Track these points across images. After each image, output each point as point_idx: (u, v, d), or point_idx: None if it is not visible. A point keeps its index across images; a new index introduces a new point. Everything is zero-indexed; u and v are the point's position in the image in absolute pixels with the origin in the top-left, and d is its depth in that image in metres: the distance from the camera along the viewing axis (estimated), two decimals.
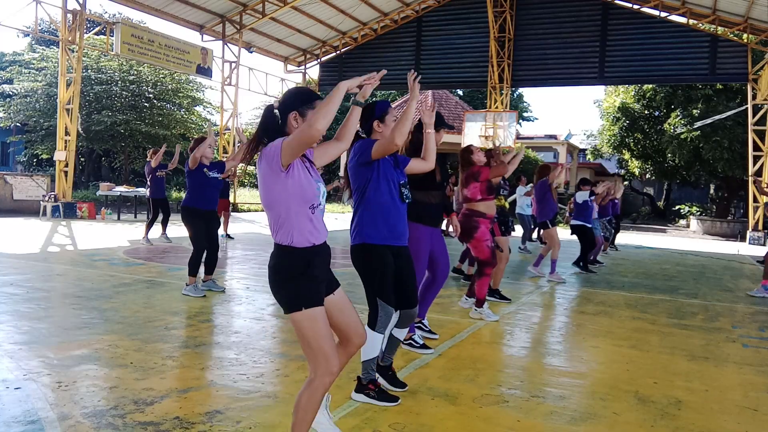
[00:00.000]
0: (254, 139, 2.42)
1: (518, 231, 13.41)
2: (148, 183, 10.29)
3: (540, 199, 8.23)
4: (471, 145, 5.62)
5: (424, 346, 4.28)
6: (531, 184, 11.59)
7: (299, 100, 2.38)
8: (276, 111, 2.40)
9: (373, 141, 3.23)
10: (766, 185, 13.50)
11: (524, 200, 11.98)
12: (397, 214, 3.28)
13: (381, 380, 3.43)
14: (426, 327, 4.70)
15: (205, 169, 5.99)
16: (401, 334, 3.45)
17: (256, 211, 22.16)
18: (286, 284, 2.32)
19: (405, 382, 3.53)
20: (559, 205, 8.83)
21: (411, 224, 4.18)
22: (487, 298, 6.49)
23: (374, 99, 4.27)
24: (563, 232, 9.03)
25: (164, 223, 10.58)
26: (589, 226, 9.04)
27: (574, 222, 9.07)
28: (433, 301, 4.71)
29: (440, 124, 4.25)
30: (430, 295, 4.61)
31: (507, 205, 7.05)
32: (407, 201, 3.35)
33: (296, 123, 2.36)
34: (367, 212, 3.23)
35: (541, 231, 9.60)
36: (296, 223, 2.31)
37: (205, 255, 6.05)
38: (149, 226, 10.41)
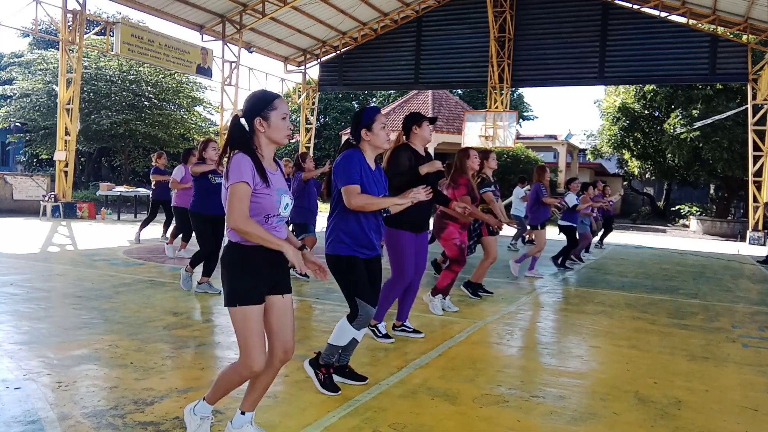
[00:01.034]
0: (225, 149, 2.49)
1: (509, 231, 13.39)
2: (153, 185, 10.31)
3: (533, 203, 8.30)
4: (471, 150, 5.62)
5: (386, 336, 4.43)
6: (528, 187, 11.65)
7: (261, 105, 2.47)
8: (242, 120, 2.48)
9: (353, 154, 3.30)
10: None
11: (520, 202, 12.01)
12: (370, 228, 3.34)
13: (340, 378, 3.48)
14: (410, 328, 4.72)
15: (210, 175, 5.97)
16: (359, 336, 3.46)
17: None
18: (228, 278, 2.45)
19: (365, 376, 3.56)
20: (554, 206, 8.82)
21: (393, 231, 4.21)
22: (477, 291, 6.55)
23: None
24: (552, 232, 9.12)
25: (166, 225, 10.54)
26: (575, 225, 9.08)
27: (562, 222, 9.10)
28: (413, 304, 4.74)
29: (422, 118, 4.31)
30: (408, 299, 4.65)
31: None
32: (384, 215, 3.46)
33: (262, 128, 2.46)
34: (341, 224, 3.31)
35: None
36: None
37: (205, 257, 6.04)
38: (144, 224, 10.45)
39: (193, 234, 6.38)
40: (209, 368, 3.76)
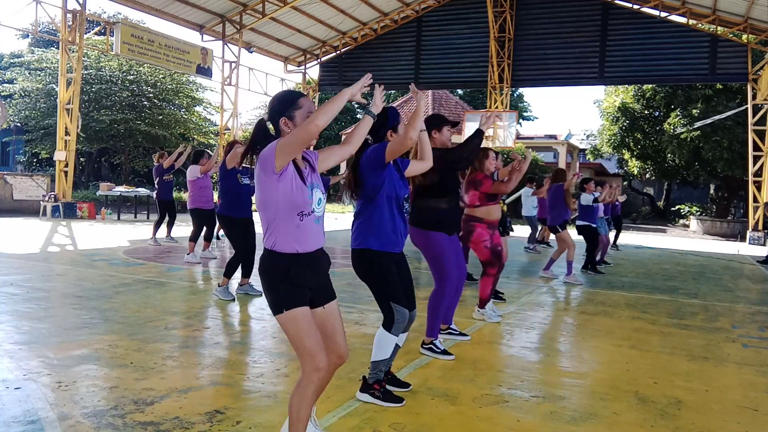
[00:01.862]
0: (248, 147, 2.46)
1: (522, 232, 13.43)
2: (156, 185, 10.29)
3: (552, 204, 8.22)
4: (490, 150, 5.51)
5: (445, 352, 4.19)
6: (536, 186, 11.63)
7: (284, 105, 2.42)
8: (268, 123, 2.44)
9: (387, 144, 3.24)
10: None
11: (531, 201, 11.99)
12: (399, 223, 3.30)
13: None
14: (456, 331, 4.73)
15: (238, 175, 5.95)
16: (401, 340, 3.43)
17: (254, 211, 22.16)
18: (269, 288, 2.40)
19: (408, 382, 3.54)
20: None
21: (426, 233, 4.12)
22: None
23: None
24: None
25: (170, 225, 10.54)
26: (595, 226, 8.99)
27: (580, 223, 8.99)
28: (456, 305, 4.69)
29: (443, 122, 4.25)
30: (453, 302, 4.57)
31: (505, 208, 7.02)
32: (406, 214, 3.39)
33: (287, 128, 2.40)
34: (371, 219, 3.24)
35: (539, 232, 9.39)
36: (282, 229, 2.35)
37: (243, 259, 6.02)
38: (157, 226, 10.40)
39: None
40: (209, 368, 3.75)
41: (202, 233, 8.42)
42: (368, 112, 2.56)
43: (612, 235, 13.39)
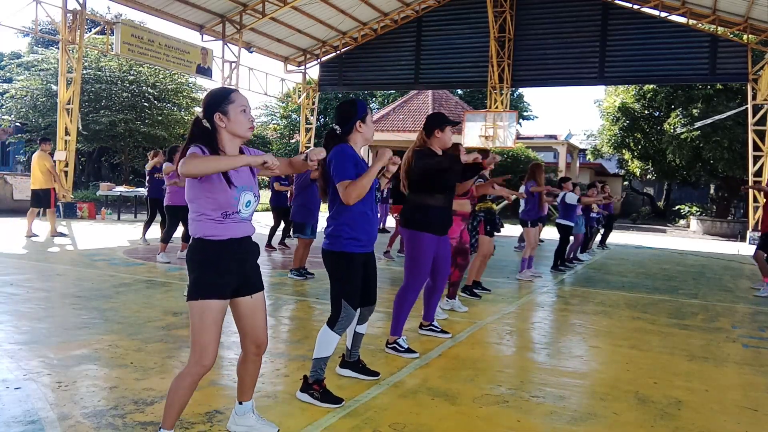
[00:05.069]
0: (185, 149, 2.46)
1: (511, 231, 13.40)
2: (147, 183, 10.26)
3: (527, 199, 8.27)
4: (459, 145, 5.54)
5: (409, 350, 4.18)
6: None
7: (217, 100, 2.48)
8: (204, 121, 2.48)
9: (348, 149, 3.25)
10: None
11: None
12: (373, 220, 3.34)
13: (353, 373, 3.59)
14: (437, 328, 4.75)
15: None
16: (363, 329, 3.58)
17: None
18: (191, 273, 2.45)
19: (377, 371, 3.62)
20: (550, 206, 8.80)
21: (415, 233, 4.15)
22: (474, 289, 6.58)
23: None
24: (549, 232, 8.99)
25: (162, 225, 10.49)
26: (572, 224, 9.11)
27: (559, 221, 9.11)
28: (438, 304, 4.77)
29: (446, 122, 4.28)
30: (433, 300, 4.67)
31: (495, 207, 7.08)
32: (379, 201, 3.48)
33: (222, 122, 2.46)
34: (347, 220, 3.24)
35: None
36: (207, 222, 2.43)
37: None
38: (147, 226, 10.40)
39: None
40: None
41: (178, 233, 8.49)
42: (306, 156, 2.68)
43: (600, 234, 13.45)
